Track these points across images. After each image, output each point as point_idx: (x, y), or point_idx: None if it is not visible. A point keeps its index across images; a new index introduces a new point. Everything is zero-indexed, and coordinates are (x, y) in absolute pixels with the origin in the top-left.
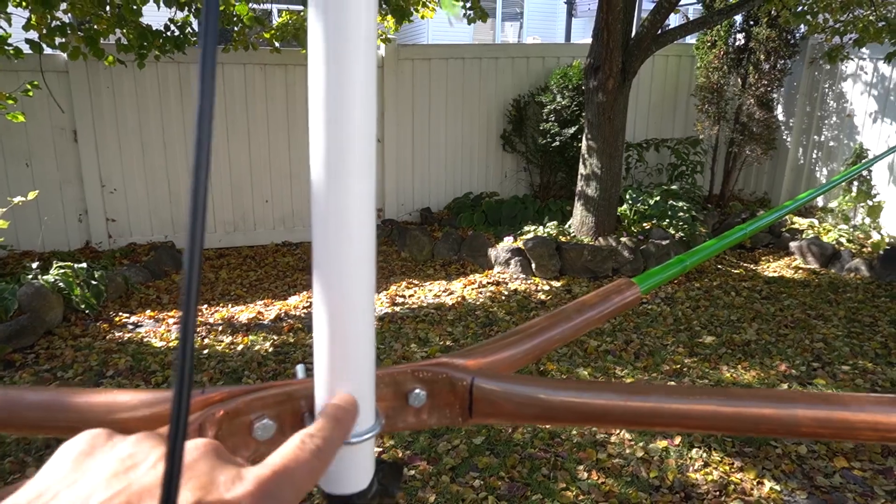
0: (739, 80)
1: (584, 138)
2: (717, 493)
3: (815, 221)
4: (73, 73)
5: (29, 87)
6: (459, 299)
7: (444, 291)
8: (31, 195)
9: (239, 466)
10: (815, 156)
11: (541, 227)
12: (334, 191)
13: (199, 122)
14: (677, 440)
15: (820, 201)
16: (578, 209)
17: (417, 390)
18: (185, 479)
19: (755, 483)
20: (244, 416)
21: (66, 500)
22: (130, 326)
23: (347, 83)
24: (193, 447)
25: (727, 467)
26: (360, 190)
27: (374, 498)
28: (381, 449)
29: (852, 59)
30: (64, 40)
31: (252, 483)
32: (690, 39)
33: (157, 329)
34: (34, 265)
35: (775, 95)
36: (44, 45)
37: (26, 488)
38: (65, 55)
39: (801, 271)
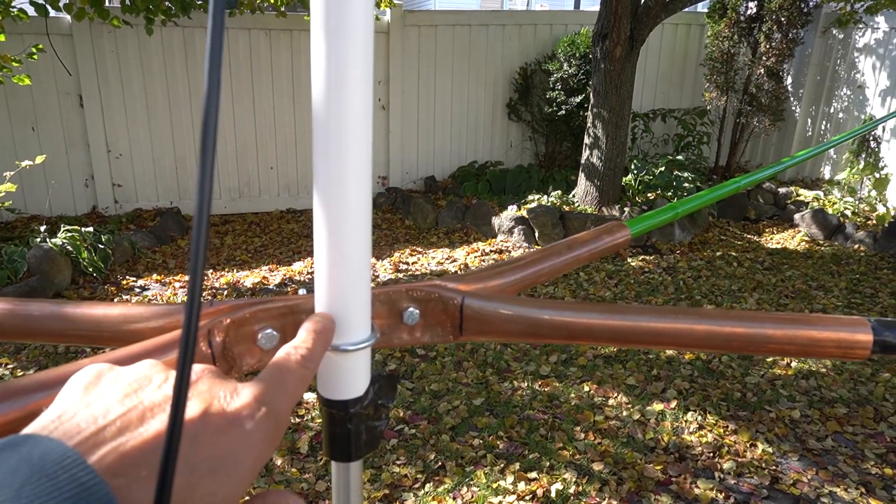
0: (750, 49)
1: (590, 107)
2: (711, 454)
3: (821, 194)
4: (78, 37)
5: (34, 50)
6: (462, 267)
7: (447, 259)
8: (39, 159)
9: (235, 383)
10: (823, 127)
11: (545, 197)
12: (335, 105)
13: (208, 90)
14: (673, 403)
15: (827, 174)
16: (583, 179)
17: (411, 308)
18: (189, 397)
19: (748, 445)
20: (250, 325)
21: (84, 418)
22: (137, 290)
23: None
24: (193, 371)
25: (721, 430)
26: (358, 105)
27: (369, 406)
28: None
29: (863, 25)
30: (68, 1)
31: (248, 395)
32: (701, 7)
33: (163, 293)
34: (42, 229)
35: (786, 65)
36: (48, 7)
37: (45, 415)
38: (69, 18)
39: (804, 243)
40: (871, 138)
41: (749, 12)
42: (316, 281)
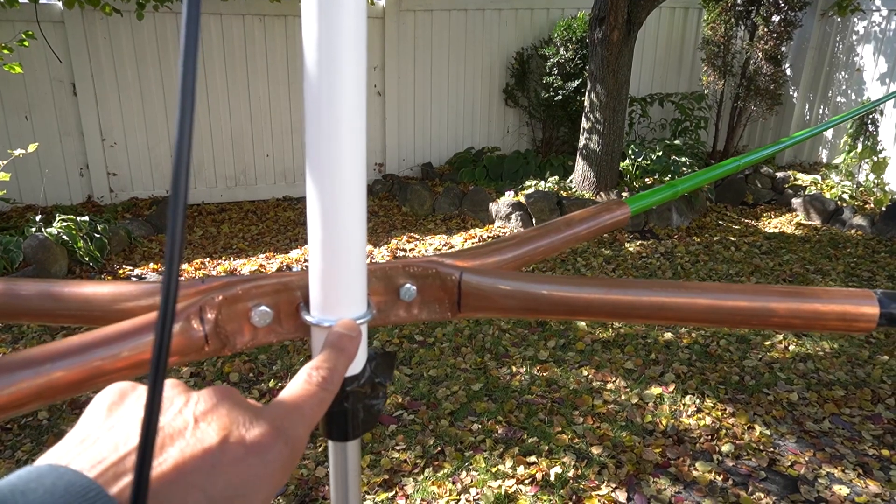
0: (747, 33)
1: (587, 92)
2: (709, 437)
3: (819, 178)
4: (70, 24)
5: (24, 36)
6: None
7: (444, 245)
8: (32, 148)
9: (254, 408)
10: (821, 112)
11: (542, 182)
12: (326, 79)
13: (184, 73)
14: (671, 387)
15: (824, 157)
16: (580, 164)
17: (408, 285)
18: (209, 421)
19: (746, 428)
20: (242, 302)
21: (107, 443)
22: (134, 279)
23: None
24: (212, 393)
25: (719, 413)
26: (352, 75)
27: (367, 384)
28: None
29: (863, 11)
30: None
31: (267, 422)
32: None
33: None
34: (37, 218)
35: (784, 49)
36: None
37: (69, 437)
38: (60, 4)
39: (802, 227)
40: (869, 121)
41: None
42: (310, 256)
